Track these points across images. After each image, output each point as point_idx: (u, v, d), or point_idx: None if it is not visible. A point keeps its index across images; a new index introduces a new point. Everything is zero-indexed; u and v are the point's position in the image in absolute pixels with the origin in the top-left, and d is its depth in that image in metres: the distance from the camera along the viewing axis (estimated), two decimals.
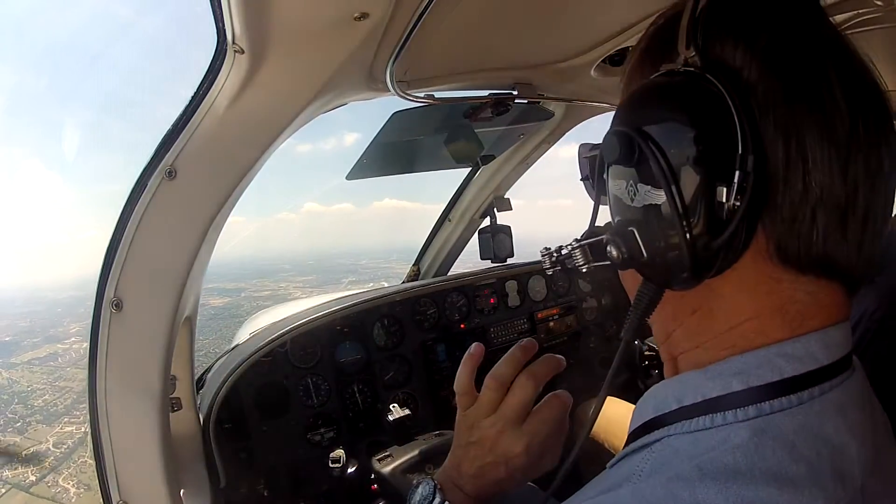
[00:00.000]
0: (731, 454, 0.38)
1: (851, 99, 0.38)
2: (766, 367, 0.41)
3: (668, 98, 0.40)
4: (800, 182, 0.37)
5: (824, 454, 0.39)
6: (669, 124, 0.39)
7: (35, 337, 16.45)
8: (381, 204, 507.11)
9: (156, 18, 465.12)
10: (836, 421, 0.40)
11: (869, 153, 0.38)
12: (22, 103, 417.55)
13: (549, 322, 2.05)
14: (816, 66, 0.38)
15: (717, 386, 0.42)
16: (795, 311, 0.41)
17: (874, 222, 0.40)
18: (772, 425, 0.39)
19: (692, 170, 0.38)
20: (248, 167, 0.91)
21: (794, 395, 0.40)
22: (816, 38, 0.40)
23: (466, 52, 1.03)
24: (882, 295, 1.19)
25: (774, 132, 0.37)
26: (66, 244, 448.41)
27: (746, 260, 0.40)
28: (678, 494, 0.37)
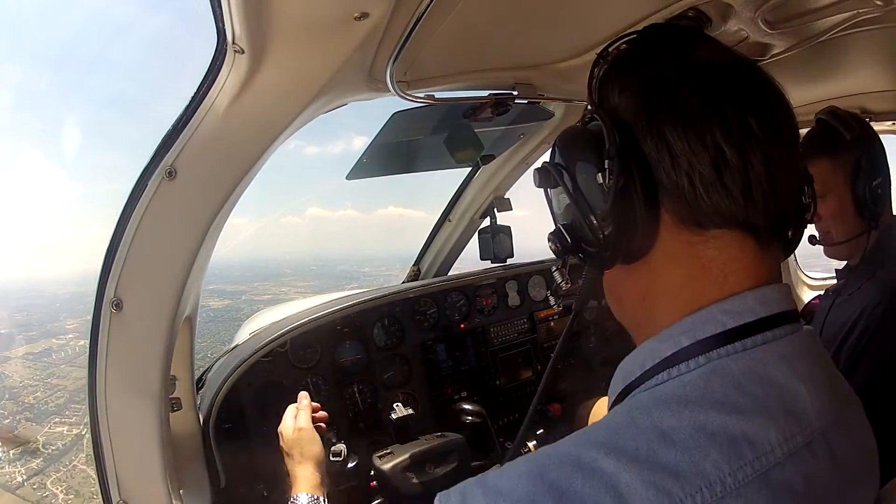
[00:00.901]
0: (682, 388, 0.46)
1: (701, 90, 0.49)
2: (710, 323, 0.48)
3: (569, 137, 0.56)
4: (667, 158, 0.48)
5: (771, 393, 0.45)
6: (569, 151, 0.55)
7: (31, 331, 16.31)
8: (385, 211, 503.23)
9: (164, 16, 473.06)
10: (781, 367, 0.46)
11: (727, 122, 0.47)
12: (25, 100, 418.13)
13: (549, 322, 2.05)
14: (666, 80, 0.51)
15: (669, 345, 0.49)
16: (717, 269, 0.50)
17: (759, 177, 0.48)
18: (719, 367, 0.46)
19: (583, 173, 0.53)
20: (248, 167, 0.91)
21: (738, 343, 0.47)
22: (669, 62, 0.52)
23: (466, 52, 1.03)
24: (884, 289, 1.19)
25: (643, 134, 0.50)
26: (69, 239, 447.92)
27: (663, 236, 0.51)
28: (637, 419, 0.45)
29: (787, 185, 0.50)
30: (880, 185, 1.24)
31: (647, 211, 0.49)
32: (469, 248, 2.18)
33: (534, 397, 0.95)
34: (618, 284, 0.58)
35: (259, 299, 18.90)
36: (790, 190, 0.51)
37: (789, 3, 0.96)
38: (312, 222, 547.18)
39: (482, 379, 1.87)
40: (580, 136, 0.53)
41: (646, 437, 0.43)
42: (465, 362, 1.85)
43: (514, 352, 1.94)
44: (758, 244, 0.50)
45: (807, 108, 1.69)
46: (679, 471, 0.41)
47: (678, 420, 0.43)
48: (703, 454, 0.41)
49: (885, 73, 1.47)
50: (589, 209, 0.52)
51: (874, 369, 1.13)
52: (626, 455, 0.42)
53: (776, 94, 0.52)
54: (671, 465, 0.41)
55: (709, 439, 0.42)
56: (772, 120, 0.49)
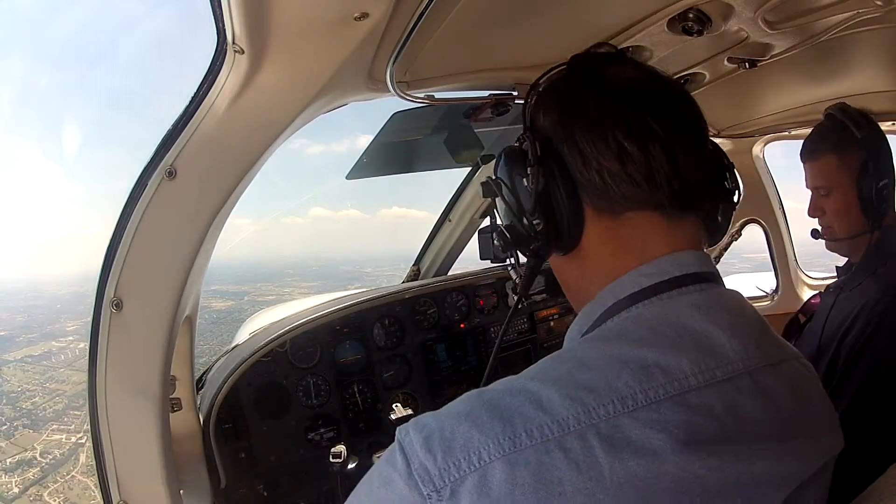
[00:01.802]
0: (601, 332, 0.55)
1: (604, 100, 0.58)
2: (629, 284, 0.56)
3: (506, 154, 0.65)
4: (579, 158, 0.57)
5: (684, 334, 0.50)
6: (505, 165, 0.64)
7: (32, 333, 16.03)
8: (388, 212, 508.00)
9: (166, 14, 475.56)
10: (695, 315, 0.52)
11: (627, 124, 0.55)
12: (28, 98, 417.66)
13: (549, 322, 2.05)
14: (578, 97, 0.60)
15: (598, 306, 0.57)
16: (636, 243, 0.58)
17: (661, 166, 0.55)
18: (634, 314, 0.54)
19: (514, 179, 0.63)
20: (248, 167, 0.91)
21: (654, 297, 0.54)
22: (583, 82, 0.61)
23: (466, 53, 1.03)
24: (884, 287, 1.19)
25: (560, 143, 0.59)
26: (70, 239, 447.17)
27: (589, 225, 0.59)
28: (562, 356, 0.52)
29: (689, 167, 0.56)
30: (886, 185, 1.24)
31: (570, 205, 0.58)
32: (469, 249, 2.18)
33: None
34: (561, 272, 0.67)
35: (262, 300, 18.76)
36: (693, 171, 0.57)
37: (789, 3, 0.96)
38: (315, 222, 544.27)
39: (482, 379, 1.86)
40: (512, 153, 0.63)
41: (567, 367, 0.50)
42: (465, 362, 1.86)
43: (514, 352, 1.94)
44: (668, 220, 0.57)
45: (807, 108, 1.69)
46: (594, 386, 0.47)
47: (596, 352, 0.51)
48: (615, 375, 0.47)
49: (886, 72, 1.47)
50: (521, 209, 0.62)
51: (874, 366, 1.13)
52: (550, 379, 0.49)
53: (678, 96, 0.60)
54: (587, 382, 0.47)
55: (622, 365, 0.48)
56: (671, 117, 0.57)
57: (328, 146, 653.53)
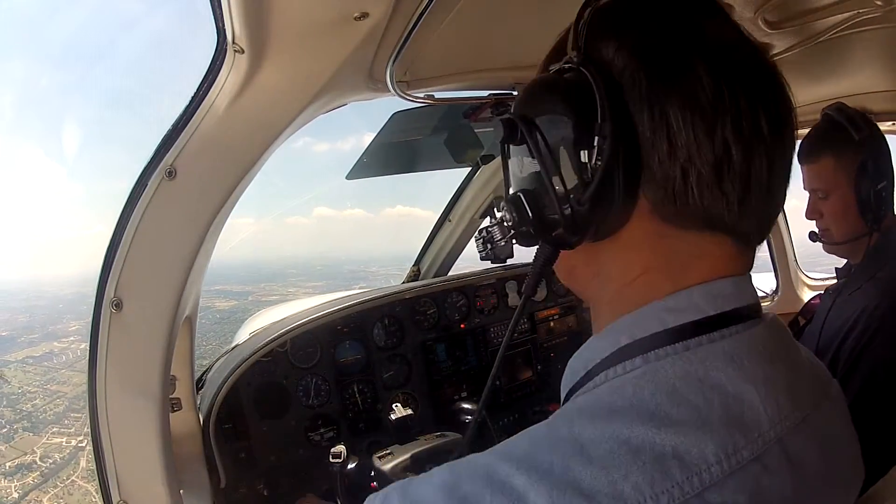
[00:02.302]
0: (610, 395, 0.42)
1: (717, 73, 0.42)
2: (651, 320, 0.44)
3: (545, 88, 0.48)
4: (664, 144, 0.42)
5: (713, 401, 0.39)
6: (545, 107, 0.46)
7: (33, 333, 15.92)
8: (392, 211, 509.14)
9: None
10: (727, 369, 0.41)
11: (739, 117, 0.42)
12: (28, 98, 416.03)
13: (549, 322, 2.05)
14: (678, 50, 0.43)
15: (609, 344, 0.46)
16: (678, 264, 0.45)
17: (760, 182, 0.43)
18: (652, 370, 0.42)
19: (562, 141, 0.45)
20: (248, 167, 0.91)
21: (678, 344, 0.42)
22: (682, 29, 0.45)
23: (466, 52, 1.03)
24: (884, 290, 1.19)
25: (640, 105, 0.42)
26: (72, 239, 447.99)
27: (633, 222, 0.45)
28: (558, 429, 0.41)
29: (781, 191, 0.45)
30: (885, 188, 1.23)
31: (624, 193, 0.43)
32: (469, 249, 2.18)
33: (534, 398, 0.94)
34: (569, 254, 0.51)
35: (266, 300, 18.72)
36: (782, 196, 0.46)
37: (789, 3, 0.96)
38: (319, 222, 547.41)
39: (482, 379, 1.87)
40: (562, 92, 0.45)
41: (563, 450, 0.38)
42: (465, 362, 1.85)
43: (514, 352, 1.94)
44: (737, 250, 0.46)
45: (807, 109, 1.69)
46: (593, 492, 0.36)
47: (599, 432, 0.38)
48: (622, 473, 0.36)
49: (886, 73, 1.46)
50: (562, 181, 0.45)
51: (873, 369, 1.13)
52: (539, 471, 0.38)
53: (783, 89, 0.45)
54: (585, 484, 0.36)
55: (631, 456, 0.37)
56: (779, 119, 0.44)
57: (333, 144, 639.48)
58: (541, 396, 1.98)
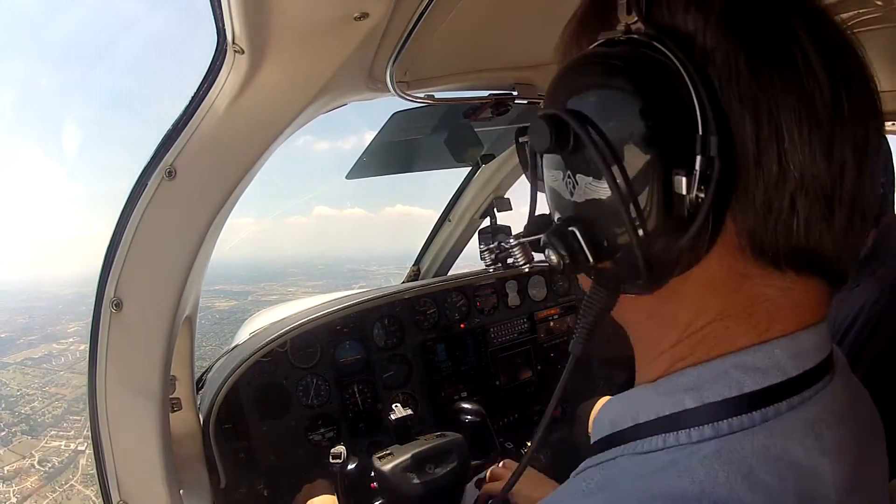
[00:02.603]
0: (679, 479, 0.34)
1: (831, 67, 0.32)
2: (722, 381, 0.36)
3: (609, 71, 0.34)
4: (775, 164, 0.32)
5: (789, 478, 0.34)
6: (610, 102, 0.33)
7: (32, 335, 15.81)
8: (392, 210, 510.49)
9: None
10: (805, 441, 0.35)
11: (856, 130, 0.33)
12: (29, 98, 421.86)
13: (549, 322, 2.05)
14: (785, 29, 0.33)
15: (669, 403, 0.38)
16: (764, 311, 0.37)
17: (861, 209, 0.35)
18: (727, 447, 0.35)
19: (642, 156, 0.32)
20: (248, 167, 0.91)
21: (756, 413, 0.35)
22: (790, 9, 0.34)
23: (466, 53, 1.03)
24: (883, 286, 1.19)
25: (740, 106, 0.32)
26: (72, 239, 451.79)
27: (714, 255, 0.36)
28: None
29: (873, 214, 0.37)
30: (884, 185, 1.23)
31: (707, 224, 0.33)
32: (469, 249, 2.18)
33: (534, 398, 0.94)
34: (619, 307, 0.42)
35: (266, 299, 18.64)
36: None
37: None
38: (319, 221, 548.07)
39: (482, 379, 1.87)
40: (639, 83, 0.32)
41: None
42: (465, 362, 1.86)
43: (513, 352, 1.94)
44: (828, 293, 0.38)
45: None
46: None
47: None
48: None
49: (886, 73, 1.46)
50: (639, 213, 0.33)
51: (873, 366, 1.13)
52: None
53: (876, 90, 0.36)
54: None
55: None
56: (880, 125, 0.36)
57: (333, 143, 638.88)
58: (541, 396, 1.98)
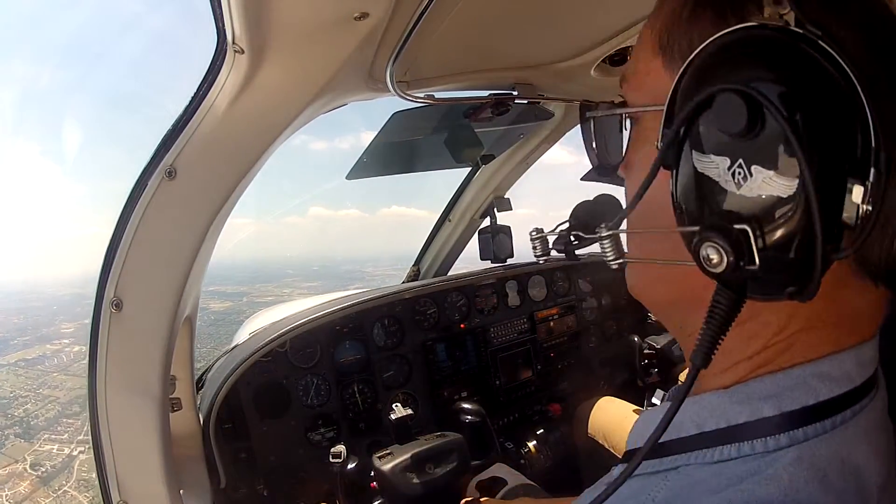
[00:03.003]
0: (763, 486, 0.35)
1: None
2: (800, 390, 0.38)
3: (803, 62, 0.31)
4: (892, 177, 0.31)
5: (850, 481, 0.37)
6: (803, 96, 0.31)
7: (27, 335, 15.65)
8: (388, 211, 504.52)
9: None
10: (862, 446, 0.38)
11: None
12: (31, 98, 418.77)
13: (549, 322, 2.05)
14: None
15: (745, 411, 0.38)
16: (850, 321, 0.39)
17: None
18: (807, 455, 0.36)
19: (828, 159, 0.30)
20: (248, 167, 0.91)
21: (828, 421, 0.37)
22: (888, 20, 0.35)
23: (466, 53, 1.03)
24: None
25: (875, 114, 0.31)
26: (70, 240, 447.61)
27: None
28: None
29: None
30: None
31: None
32: (469, 249, 2.18)
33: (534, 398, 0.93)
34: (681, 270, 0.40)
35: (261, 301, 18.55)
36: None
37: None
38: (315, 222, 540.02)
39: (482, 379, 1.87)
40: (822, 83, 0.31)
41: None
42: (465, 362, 1.86)
43: (513, 352, 1.94)
44: (889, 304, 0.40)
45: None
46: None
47: None
48: None
49: None
50: (821, 218, 0.31)
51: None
52: None
53: None
54: None
55: None
56: None
57: (331, 142, 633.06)
58: (540, 396, 1.98)
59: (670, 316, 0.48)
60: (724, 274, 0.34)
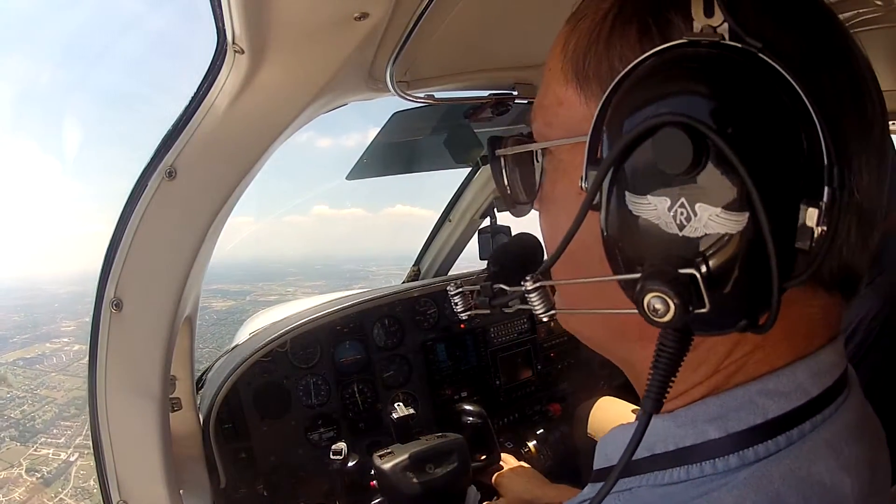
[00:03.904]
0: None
1: (878, 91, 0.34)
2: (746, 409, 0.36)
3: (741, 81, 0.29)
4: (846, 192, 0.30)
5: (813, 499, 0.34)
6: (749, 120, 0.29)
7: (26, 333, 15.47)
8: (392, 210, 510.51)
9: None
10: (827, 460, 0.35)
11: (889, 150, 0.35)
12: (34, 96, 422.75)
13: (549, 322, 2.05)
14: (845, 51, 0.34)
15: (691, 434, 0.37)
16: (805, 332, 0.37)
17: (881, 225, 0.36)
18: (756, 477, 0.34)
19: (779, 186, 0.29)
20: (248, 167, 0.91)
21: (781, 437, 0.35)
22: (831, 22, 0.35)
23: (466, 52, 1.03)
24: (882, 296, 1.18)
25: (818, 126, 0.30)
26: (73, 237, 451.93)
27: None
28: None
29: None
30: None
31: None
32: (469, 249, 2.18)
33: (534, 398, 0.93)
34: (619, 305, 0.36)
35: (264, 300, 18.41)
36: None
37: None
38: (318, 221, 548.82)
39: (482, 379, 1.87)
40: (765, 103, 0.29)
41: None
42: (465, 362, 1.85)
43: (514, 352, 1.94)
44: (844, 307, 0.38)
45: None
46: None
47: None
48: None
49: (886, 73, 1.47)
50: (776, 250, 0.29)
51: (871, 379, 1.13)
52: None
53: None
54: None
55: None
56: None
57: (335, 140, 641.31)
58: (540, 396, 1.98)
59: (612, 353, 0.46)
60: (671, 322, 0.31)
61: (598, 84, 0.37)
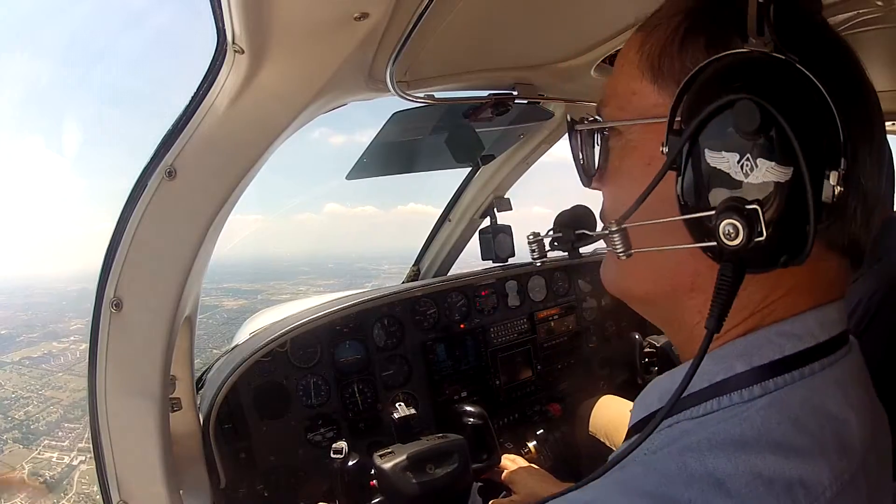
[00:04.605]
0: (738, 427, 0.42)
1: (874, 93, 0.44)
2: (767, 347, 0.44)
3: (794, 77, 0.40)
4: (853, 178, 0.42)
5: (827, 427, 0.42)
6: (792, 104, 0.39)
7: (33, 332, 15.32)
8: (404, 208, 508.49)
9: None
10: (836, 396, 0.43)
11: (886, 143, 0.44)
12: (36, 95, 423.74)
13: (549, 322, 2.05)
14: (847, 60, 0.45)
15: (721, 369, 0.45)
16: (823, 285, 0.46)
17: (881, 203, 0.46)
18: (776, 401, 0.42)
19: (813, 152, 0.39)
20: (248, 167, 0.91)
21: (795, 371, 0.43)
22: (830, 32, 0.46)
23: (466, 52, 1.03)
24: (880, 279, 1.21)
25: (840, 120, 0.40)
26: (79, 235, 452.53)
27: None
28: (689, 464, 0.41)
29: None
30: None
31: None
32: (469, 249, 2.18)
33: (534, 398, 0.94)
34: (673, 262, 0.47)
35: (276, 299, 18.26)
36: None
37: None
38: (330, 219, 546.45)
39: (482, 379, 1.87)
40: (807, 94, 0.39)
41: (699, 486, 0.39)
42: (465, 362, 1.86)
43: (513, 352, 1.94)
44: (849, 272, 0.48)
45: None
46: None
47: (734, 466, 0.39)
48: None
49: (886, 73, 1.46)
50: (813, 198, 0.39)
51: (869, 358, 1.15)
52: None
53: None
54: None
55: (766, 488, 0.39)
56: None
57: (351, 136, 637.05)
58: (540, 396, 1.98)
59: (662, 307, 0.53)
60: (738, 246, 0.40)
61: (672, 78, 0.47)
